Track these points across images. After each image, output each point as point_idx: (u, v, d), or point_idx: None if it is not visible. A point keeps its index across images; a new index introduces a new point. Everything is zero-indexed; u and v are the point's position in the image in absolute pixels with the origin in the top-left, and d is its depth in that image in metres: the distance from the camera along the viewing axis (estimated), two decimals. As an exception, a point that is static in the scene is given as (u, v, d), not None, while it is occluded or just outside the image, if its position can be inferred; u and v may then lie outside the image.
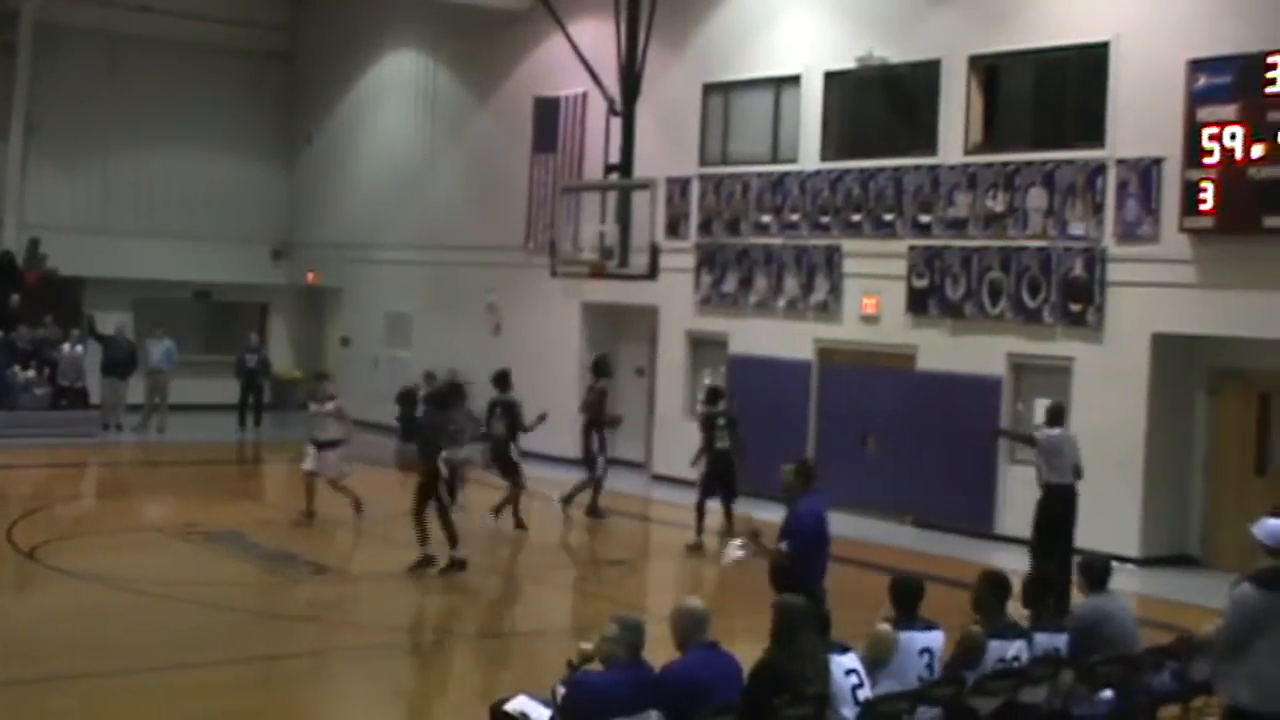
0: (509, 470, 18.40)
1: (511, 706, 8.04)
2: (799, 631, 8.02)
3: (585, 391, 20.32)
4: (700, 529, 17.61)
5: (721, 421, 18.10)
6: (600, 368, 20.14)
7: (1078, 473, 14.83)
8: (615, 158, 22.62)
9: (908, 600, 8.88)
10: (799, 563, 10.40)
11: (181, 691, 10.98)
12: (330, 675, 12.26)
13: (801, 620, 8.07)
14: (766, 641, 8.02)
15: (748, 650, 8.11)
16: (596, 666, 7.73)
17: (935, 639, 8.72)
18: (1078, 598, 9.89)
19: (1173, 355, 17.54)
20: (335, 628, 13.67)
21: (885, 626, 8.63)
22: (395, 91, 29.95)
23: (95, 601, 14.02)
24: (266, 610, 14.11)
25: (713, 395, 18.63)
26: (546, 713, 7.79)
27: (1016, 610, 9.37)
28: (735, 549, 11.18)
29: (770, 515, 17.31)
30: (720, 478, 17.95)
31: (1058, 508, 14.77)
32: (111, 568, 15.45)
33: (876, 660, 8.46)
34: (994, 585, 9.24)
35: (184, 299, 30.99)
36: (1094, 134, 17.96)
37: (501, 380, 18.73)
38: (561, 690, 7.66)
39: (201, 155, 31.12)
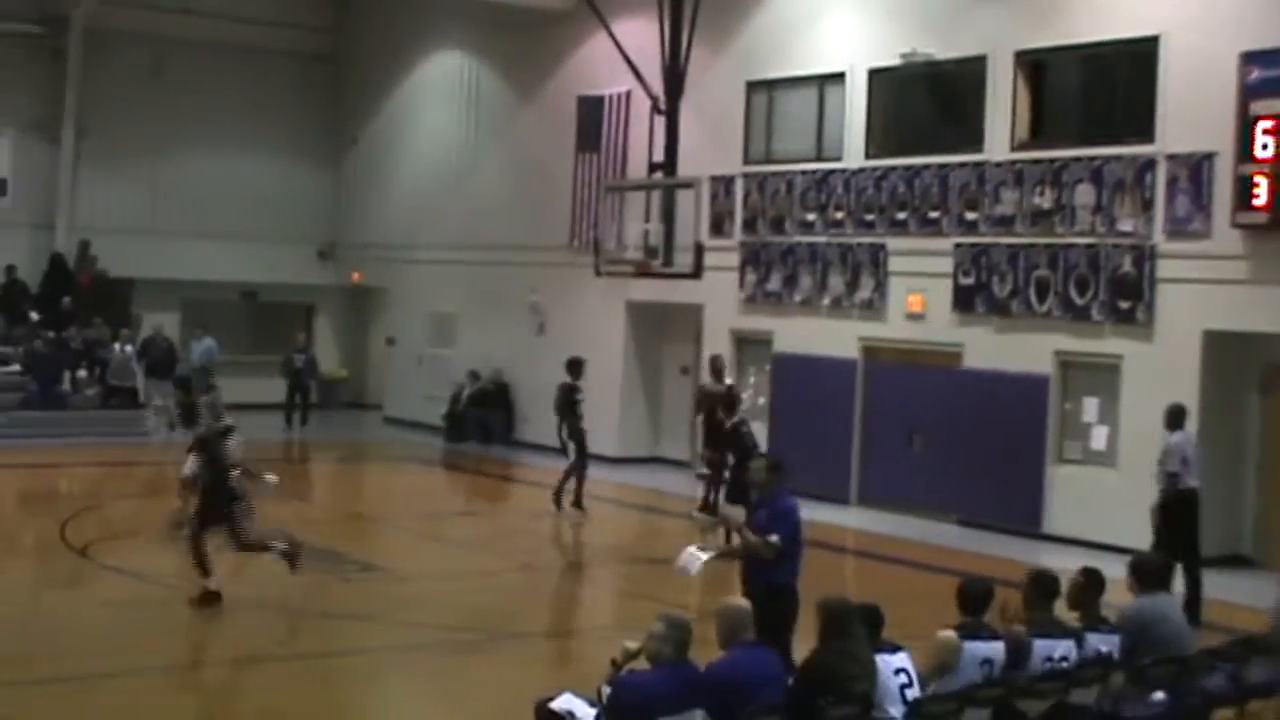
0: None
1: (557, 705, 8.02)
2: (847, 630, 7.96)
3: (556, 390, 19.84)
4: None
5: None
6: (572, 368, 19.80)
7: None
8: (659, 156, 22.59)
9: (975, 606, 8.66)
10: (781, 558, 10.21)
11: (227, 689, 11.06)
12: (376, 674, 12.26)
13: (848, 619, 8.01)
14: (813, 641, 7.97)
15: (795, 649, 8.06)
16: (642, 665, 7.70)
17: (997, 650, 8.52)
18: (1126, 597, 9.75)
19: (1224, 353, 17.34)
20: (381, 626, 13.68)
21: (949, 633, 8.45)
22: (439, 92, 30.01)
23: (144, 599, 14.11)
24: (312, 609, 14.14)
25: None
26: (591, 712, 7.78)
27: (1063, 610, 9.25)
28: (696, 555, 10.82)
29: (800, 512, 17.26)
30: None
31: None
32: (160, 566, 15.53)
33: (940, 666, 8.36)
34: (1042, 585, 9.14)
35: (231, 299, 31.17)
36: (1143, 129, 17.77)
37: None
38: (607, 689, 7.63)
39: (248, 157, 31.30)
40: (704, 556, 10.83)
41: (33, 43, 28.97)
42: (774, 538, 10.20)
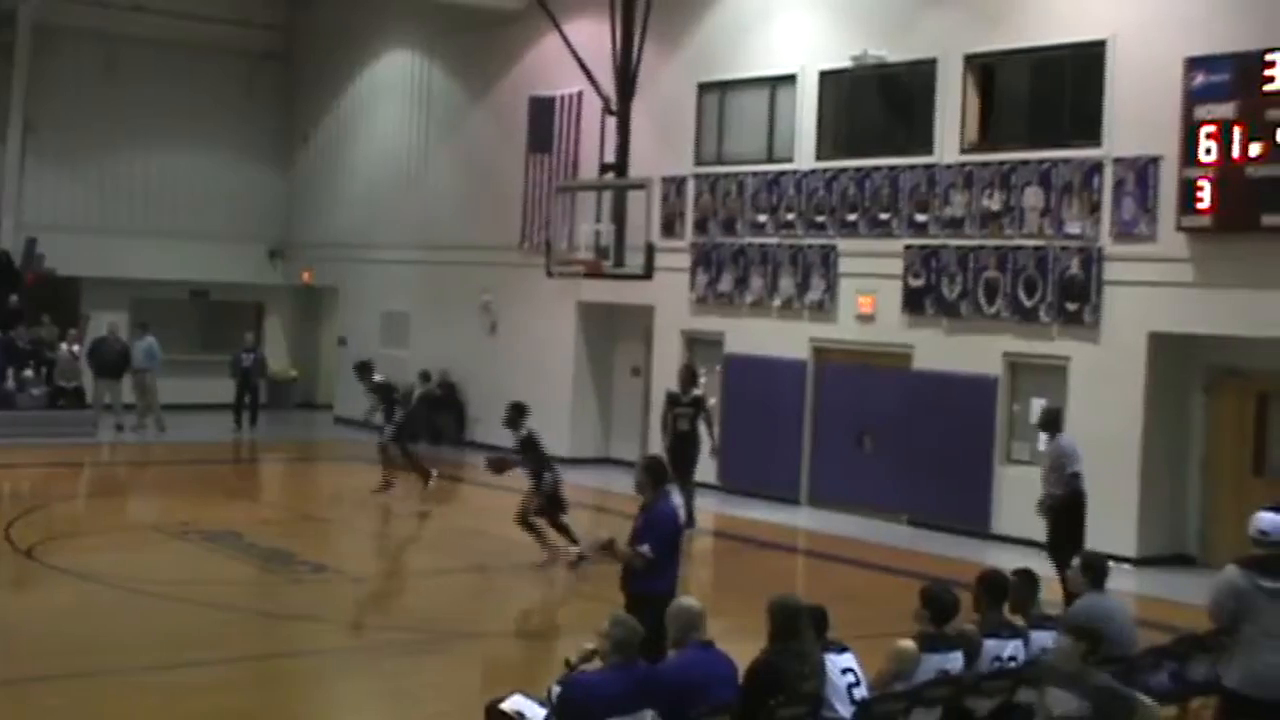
0: None
1: (507, 705, 8.03)
2: (795, 630, 8.01)
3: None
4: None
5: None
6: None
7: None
8: (610, 157, 22.63)
9: (940, 614, 8.66)
10: (655, 566, 9.87)
11: (177, 690, 10.98)
12: (327, 674, 12.25)
13: (798, 619, 8.06)
14: (762, 641, 8.02)
15: (742, 649, 8.11)
16: (598, 665, 7.72)
17: (955, 660, 8.56)
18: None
19: (1170, 354, 17.54)
20: (332, 627, 13.66)
21: (908, 643, 8.46)
22: (391, 91, 29.93)
23: (92, 600, 14.03)
24: (263, 609, 14.10)
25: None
26: (542, 712, 7.78)
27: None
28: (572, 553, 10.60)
29: (750, 513, 17.30)
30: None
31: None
32: (108, 567, 15.46)
33: (898, 674, 8.39)
34: (991, 586, 9.24)
35: (181, 298, 30.97)
36: (1091, 133, 17.95)
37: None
38: (557, 689, 7.65)
39: (198, 155, 31.10)
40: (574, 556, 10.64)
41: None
42: (644, 547, 9.87)
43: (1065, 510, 14.76)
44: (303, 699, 11.49)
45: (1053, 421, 15.40)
